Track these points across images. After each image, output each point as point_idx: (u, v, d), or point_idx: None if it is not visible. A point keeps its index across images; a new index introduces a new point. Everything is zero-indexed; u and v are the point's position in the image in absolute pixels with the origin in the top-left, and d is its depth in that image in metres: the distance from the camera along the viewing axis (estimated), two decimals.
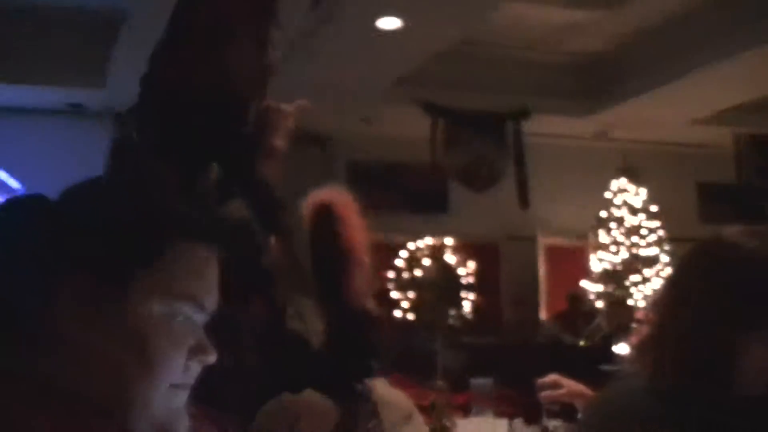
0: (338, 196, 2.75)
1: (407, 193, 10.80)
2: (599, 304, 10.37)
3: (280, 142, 2.49)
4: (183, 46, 2.43)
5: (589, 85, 10.37)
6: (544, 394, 2.77)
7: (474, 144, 9.74)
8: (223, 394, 2.20)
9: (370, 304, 2.68)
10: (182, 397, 1.30)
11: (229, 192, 2.28)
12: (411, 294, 9.98)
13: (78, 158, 9.85)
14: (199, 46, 2.41)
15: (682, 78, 9.20)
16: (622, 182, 10.95)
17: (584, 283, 10.65)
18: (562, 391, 2.69)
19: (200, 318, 1.30)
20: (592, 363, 8.18)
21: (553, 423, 2.95)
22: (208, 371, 1.37)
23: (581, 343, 9.44)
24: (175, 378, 1.28)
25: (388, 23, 7.43)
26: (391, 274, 9.90)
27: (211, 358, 1.31)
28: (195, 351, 1.29)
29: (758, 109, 10.61)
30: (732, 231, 1.96)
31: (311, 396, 2.45)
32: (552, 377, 2.67)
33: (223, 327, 2.23)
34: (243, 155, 2.42)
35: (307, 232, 2.56)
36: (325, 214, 2.69)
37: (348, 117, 9.86)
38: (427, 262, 10.14)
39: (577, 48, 9.91)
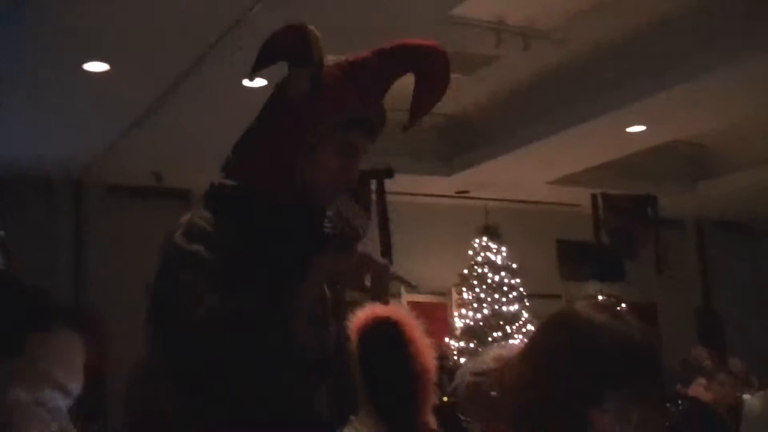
0: (402, 313, 2.69)
1: None
2: (462, 360, 10.47)
3: (356, 292, 2.37)
4: (268, 142, 2.36)
5: (450, 146, 10.57)
6: None
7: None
8: None
9: (432, 421, 2.63)
10: None
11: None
12: None
13: None
14: (284, 145, 2.33)
15: (538, 141, 9.48)
16: (483, 240, 11.13)
17: (447, 340, 10.75)
18: None
19: (65, 403, 1.30)
20: (456, 418, 8.28)
21: None
22: None
23: (445, 398, 9.51)
24: None
25: (255, 81, 7.46)
26: None
27: None
28: None
29: (613, 170, 10.95)
30: (581, 305, 2.05)
31: None
32: None
33: None
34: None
35: (366, 348, 2.48)
36: (393, 334, 2.64)
37: (211, 173, 9.82)
38: None
39: (439, 109, 10.08)
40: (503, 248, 11.09)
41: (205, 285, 2.11)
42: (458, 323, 10.90)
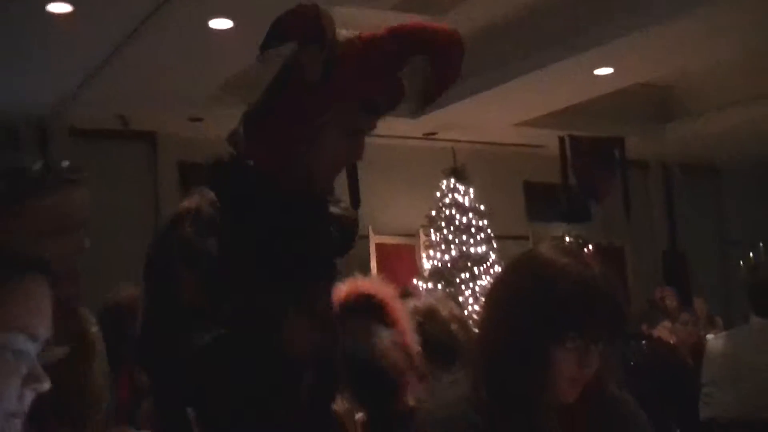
0: (386, 292, 2.65)
1: None
2: None
3: None
4: (274, 123, 2.31)
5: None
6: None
7: None
8: None
9: (413, 400, 2.63)
10: (17, 425, 1.30)
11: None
12: None
13: None
14: (290, 127, 2.29)
15: (506, 83, 9.48)
16: (451, 182, 11.15)
17: (415, 282, 10.80)
18: None
19: (33, 347, 1.30)
20: None
21: None
22: None
23: None
24: (10, 407, 1.28)
25: (220, 24, 7.40)
26: None
27: (45, 385, 1.31)
28: (28, 380, 1.29)
29: (581, 113, 10.97)
30: (545, 248, 2.11)
31: None
32: None
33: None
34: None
35: (347, 325, 2.47)
36: (376, 314, 2.62)
37: (177, 116, 9.78)
38: None
39: None
40: (471, 190, 11.11)
41: (206, 289, 2.10)
42: (426, 265, 10.96)
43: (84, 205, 2.00)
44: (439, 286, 10.62)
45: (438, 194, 11.11)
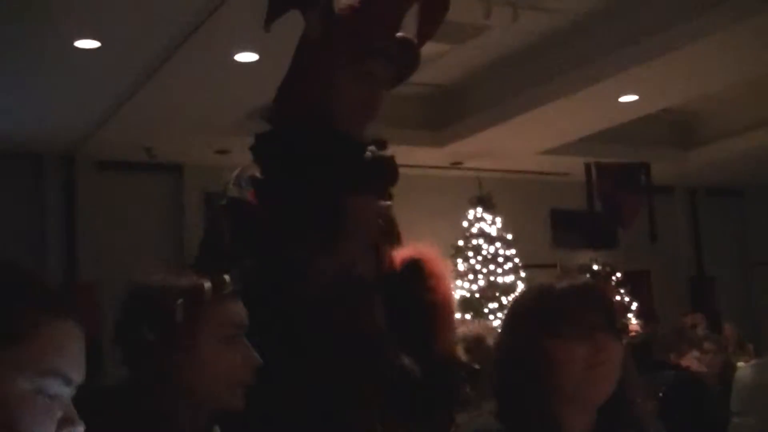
0: (429, 252, 2.80)
1: None
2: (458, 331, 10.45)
3: None
4: (298, 81, 2.55)
5: (442, 117, 10.55)
6: None
7: None
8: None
9: (457, 349, 2.76)
10: None
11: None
12: None
13: None
14: (306, 83, 2.53)
15: (531, 111, 9.47)
16: (478, 211, 11.14)
17: None
18: None
19: (67, 391, 1.29)
20: None
21: None
22: None
23: None
24: None
25: (245, 57, 7.44)
26: None
27: (80, 429, 1.31)
28: (63, 424, 1.29)
29: (606, 139, 10.95)
30: (555, 277, 2.31)
31: None
32: None
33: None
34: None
35: (402, 285, 2.67)
36: (422, 270, 2.74)
37: (202, 147, 9.82)
38: None
39: (430, 80, 10.05)
40: (497, 219, 11.10)
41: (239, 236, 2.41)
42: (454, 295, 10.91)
43: (244, 314, 2.09)
44: (468, 316, 10.58)
45: (465, 224, 11.11)
